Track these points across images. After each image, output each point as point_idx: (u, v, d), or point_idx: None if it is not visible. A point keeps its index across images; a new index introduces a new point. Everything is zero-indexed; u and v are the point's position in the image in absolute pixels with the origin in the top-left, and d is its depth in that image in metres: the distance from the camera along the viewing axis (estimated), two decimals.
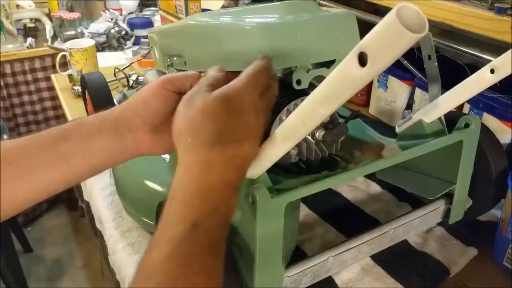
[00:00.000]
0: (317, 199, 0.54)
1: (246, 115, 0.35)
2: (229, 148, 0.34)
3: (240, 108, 0.35)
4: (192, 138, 0.34)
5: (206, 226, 0.31)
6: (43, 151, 0.39)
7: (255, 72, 0.37)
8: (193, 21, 0.56)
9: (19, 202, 0.39)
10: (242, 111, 0.35)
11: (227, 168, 0.34)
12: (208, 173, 0.33)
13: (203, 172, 0.33)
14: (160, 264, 0.30)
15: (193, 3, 1.16)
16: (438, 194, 0.60)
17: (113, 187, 0.75)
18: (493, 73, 0.49)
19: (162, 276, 0.29)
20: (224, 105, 0.34)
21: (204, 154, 0.33)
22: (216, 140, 0.34)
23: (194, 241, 0.31)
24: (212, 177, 0.33)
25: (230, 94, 0.35)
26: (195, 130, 0.34)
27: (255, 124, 0.35)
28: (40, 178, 0.39)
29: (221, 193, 0.33)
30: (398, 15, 0.23)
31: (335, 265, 0.54)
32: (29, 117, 1.75)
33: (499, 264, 0.60)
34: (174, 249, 0.30)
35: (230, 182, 0.34)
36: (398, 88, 0.92)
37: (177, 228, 0.31)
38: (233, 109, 0.34)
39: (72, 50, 1.14)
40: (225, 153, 0.34)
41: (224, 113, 0.34)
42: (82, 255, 1.82)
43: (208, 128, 0.34)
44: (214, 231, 0.32)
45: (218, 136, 0.34)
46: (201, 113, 0.34)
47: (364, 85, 0.28)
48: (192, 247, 0.30)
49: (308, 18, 0.51)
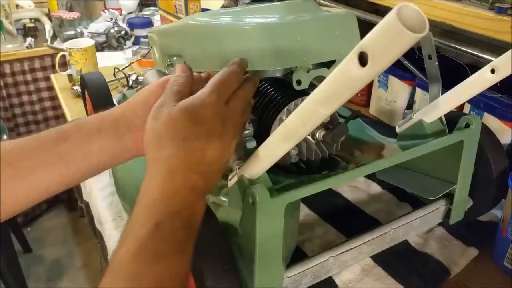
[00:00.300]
0: (318, 199, 0.54)
1: (210, 124, 0.37)
2: (192, 155, 0.36)
3: (204, 118, 0.36)
4: (158, 149, 0.36)
5: (169, 227, 0.33)
6: (42, 151, 0.39)
7: (221, 79, 0.39)
8: (193, 21, 0.56)
9: (19, 203, 0.39)
10: (206, 120, 0.37)
11: (191, 174, 0.36)
12: (172, 180, 0.35)
13: (167, 179, 0.35)
14: (127, 261, 0.31)
15: (193, 3, 1.16)
16: (439, 194, 0.60)
17: (113, 187, 0.75)
18: (493, 73, 0.49)
19: (129, 273, 0.31)
20: (187, 117, 0.36)
21: (168, 163, 0.35)
22: (180, 149, 0.36)
23: (159, 239, 0.32)
24: (175, 184, 0.35)
25: (195, 104, 0.37)
26: (160, 142, 0.36)
27: (219, 131, 0.37)
28: (40, 179, 0.39)
29: (185, 197, 0.35)
30: (398, 15, 0.23)
31: (335, 266, 0.54)
32: (28, 117, 1.75)
33: (500, 264, 0.60)
34: (141, 247, 0.32)
35: (195, 187, 0.36)
36: (398, 88, 0.92)
37: (142, 229, 0.33)
38: (196, 120, 0.36)
39: (71, 50, 1.14)
40: (188, 160, 0.36)
41: (187, 124, 0.36)
42: (81, 255, 1.82)
43: (173, 139, 0.36)
44: (178, 231, 0.34)
45: (182, 145, 0.36)
46: (165, 126, 0.36)
47: (365, 85, 0.28)
48: (158, 245, 0.32)
49: (308, 18, 0.51)
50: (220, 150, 0.37)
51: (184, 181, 0.35)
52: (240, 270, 0.46)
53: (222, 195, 0.53)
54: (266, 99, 0.57)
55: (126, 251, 0.32)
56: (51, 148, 0.39)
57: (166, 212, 0.34)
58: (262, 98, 0.58)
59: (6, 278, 1.42)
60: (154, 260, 0.32)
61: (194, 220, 0.36)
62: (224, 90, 0.39)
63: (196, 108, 0.36)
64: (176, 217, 0.34)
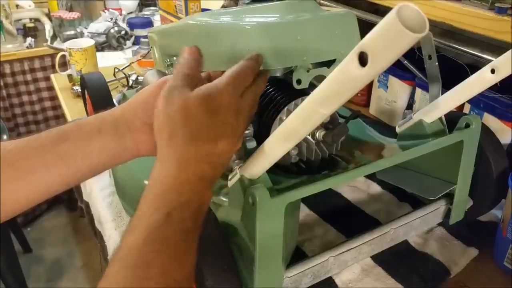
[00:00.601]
0: (318, 199, 0.54)
1: (225, 115, 0.36)
2: (205, 146, 0.36)
3: (219, 108, 0.36)
4: (170, 136, 0.36)
5: (179, 217, 0.33)
6: (43, 152, 0.39)
7: (238, 72, 0.39)
8: (193, 21, 0.56)
9: (19, 203, 0.39)
10: (221, 111, 0.36)
11: (201, 164, 0.36)
12: (184, 169, 0.35)
13: (179, 168, 0.35)
14: (137, 247, 0.32)
15: (193, 3, 1.16)
16: (439, 194, 0.60)
17: (113, 187, 0.75)
18: (493, 73, 0.49)
19: (137, 259, 0.31)
20: (203, 105, 0.36)
21: (181, 152, 0.35)
22: (193, 138, 0.35)
23: (168, 229, 0.33)
24: (187, 173, 0.35)
25: (211, 94, 0.36)
26: (174, 129, 0.36)
27: (233, 123, 0.37)
28: (40, 179, 0.39)
29: (195, 187, 0.35)
30: (398, 15, 0.23)
31: (335, 266, 0.54)
32: (28, 117, 1.75)
33: (500, 264, 0.60)
34: (150, 235, 0.32)
35: (204, 177, 0.36)
36: (398, 88, 0.92)
37: (153, 217, 0.33)
38: (212, 109, 0.36)
39: (71, 50, 1.14)
40: (200, 151, 0.36)
41: (203, 113, 0.36)
42: (81, 255, 1.82)
43: (186, 127, 0.35)
44: (186, 221, 0.34)
45: (195, 134, 0.35)
46: (180, 113, 0.36)
47: (365, 85, 0.28)
48: (166, 234, 0.33)
49: (308, 17, 0.51)
50: (231, 142, 0.37)
51: (195, 171, 0.35)
52: (240, 270, 0.46)
53: (222, 195, 0.53)
54: (266, 99, 0.57)
55: (136, 239, 0.32)
56: (51, 148, 0.39)
57: (178, 201, 0.34)
58: (262, 98, 0.58)
59: (6, 278, 1.42)
60: (162, 249, 0.32)
61: (202, 209, 0.36)
62: (240, 83, 0.38)
63: (212, 98, 0.36)
64: (186, 207, 0.34)
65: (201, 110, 0.35)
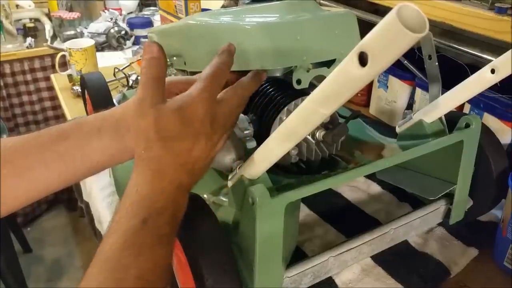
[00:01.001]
0: (318, 199, 0.54)
1: (198, 126, 0.37)
2: (180, 157, 0.37)
3: (192, 119, 0.37)
4: (145, 149, 0.37)
5: (155, 223, 0.35)
6: (42, 150, 0.39)
7: (212, 74, 0.39)
8: (193, 21, 0.56)
9: (19, 200, 0.39)
10: (196, 121, 0.37)
11: (177, 173, 0.37)
12: (160, 179, 0.36)
13: (155, 179, 0.36)
14: (114, 253, 0.33)
15: (193, 3, 1.16)
16: (439, 195, 0.60)
17: (113, 187, 0.75)
18: (493, 73, 0.49)
19: (115, 264, 0.33)
20: (177, 118, 0.36)
21: (156, 164, 0.36)
22: (168, 150, 0.36)
23: (145, 234, 0.34)
24: (163, 182, 0.36)
25: (183, 106, 0.37)
26: (147, 143, 0.37)
27: (207, 132, 0.38)
28: (39, 177, 0.39)
29: (171, 195, 0.37)
30: (398, 15, 0.23)
31: (335, 266, 0.54)
32: (28, 117, 1.75)
33: (500, 264, 0.60)
34: (128, 240, 0.34)
35: (181, 185, 0.37)
36: (398, 88, 0.92)
37: (130, 223, 0.34)
38: (185, 121, 0.37)
39: (71, 50, 1.14)
40: (176, 160, 0.37)
41: (176, 126, 0.36)
42: (81, 255, 1.82)
43: (160, 141, 0.36)
44: (162, 227, 0.35)
45: (170, 146, 0.36)
46: (153, 127, 0.36)
47: (365, 85, 0.28)
48: (143, 239, 0.34)
49: (308, 17, 0.51)
50: (206, 150, 0.38)
51: (172, 180, 0.37)
52: (240, 270, 0.45)
53: (222, 195, 0.53)
54: (266, 99, 0.57)
55: (113, 244, 0.34)
56: (51, 146, 0.39)
57: (153, 208, 0.35)
58: (262, 98, 0.58)
59: (6, 278, 1.42)
60: (139, 253, 0.34)
61: (178, 215, 0.37)
62: (215, 85, 0.39)
63: (185, 109, 0.37)
64: (162, 213, 0.35)
65: (175, 122, 0.36)
